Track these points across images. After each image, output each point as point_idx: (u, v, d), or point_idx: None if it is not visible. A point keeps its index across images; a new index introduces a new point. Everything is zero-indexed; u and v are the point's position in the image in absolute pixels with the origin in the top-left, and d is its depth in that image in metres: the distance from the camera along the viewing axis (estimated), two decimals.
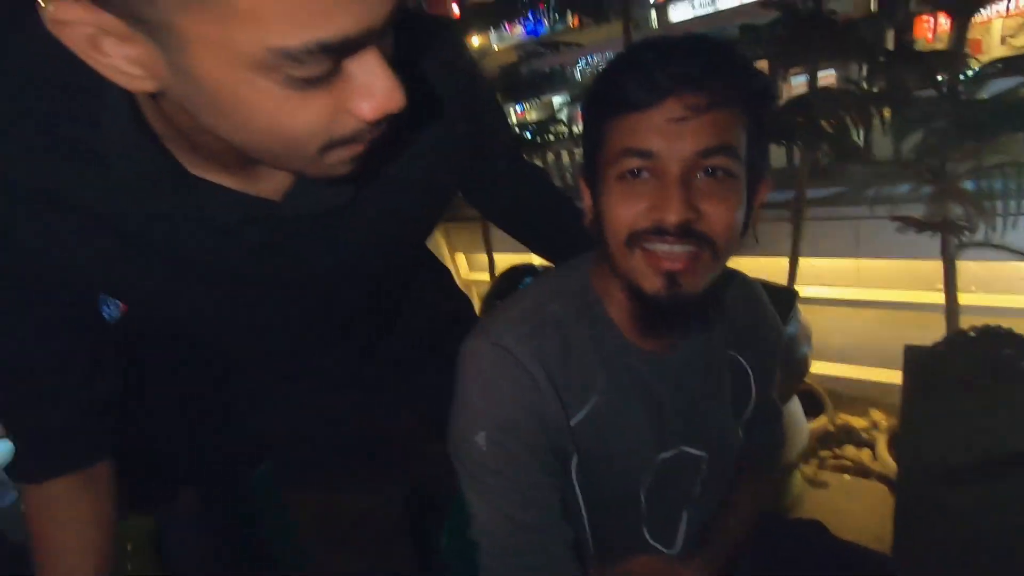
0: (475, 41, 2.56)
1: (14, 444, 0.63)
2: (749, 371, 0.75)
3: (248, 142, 0.40)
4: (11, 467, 0.63)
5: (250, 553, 1.10)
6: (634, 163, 0.53)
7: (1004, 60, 1.30)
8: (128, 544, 1.06)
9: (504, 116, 0.80)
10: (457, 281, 3.15)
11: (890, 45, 1.56)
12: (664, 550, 0.73)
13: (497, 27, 2.34)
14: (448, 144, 0.60)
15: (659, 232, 0.52)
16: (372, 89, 0.38)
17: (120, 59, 0.36)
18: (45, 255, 0.50)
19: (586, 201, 0.62)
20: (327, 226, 0.56)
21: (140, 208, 0.48)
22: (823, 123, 1.43)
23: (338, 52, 0.36)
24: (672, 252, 0.53)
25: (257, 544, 1.08)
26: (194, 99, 0.37)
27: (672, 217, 0.51)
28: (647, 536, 0.72)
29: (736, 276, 0.77)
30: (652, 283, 0.55)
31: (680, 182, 0.52)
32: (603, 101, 0.57)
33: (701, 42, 0.53)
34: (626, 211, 0.54)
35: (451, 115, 0.59)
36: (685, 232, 0.52)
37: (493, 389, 0.61)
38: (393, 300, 0.78)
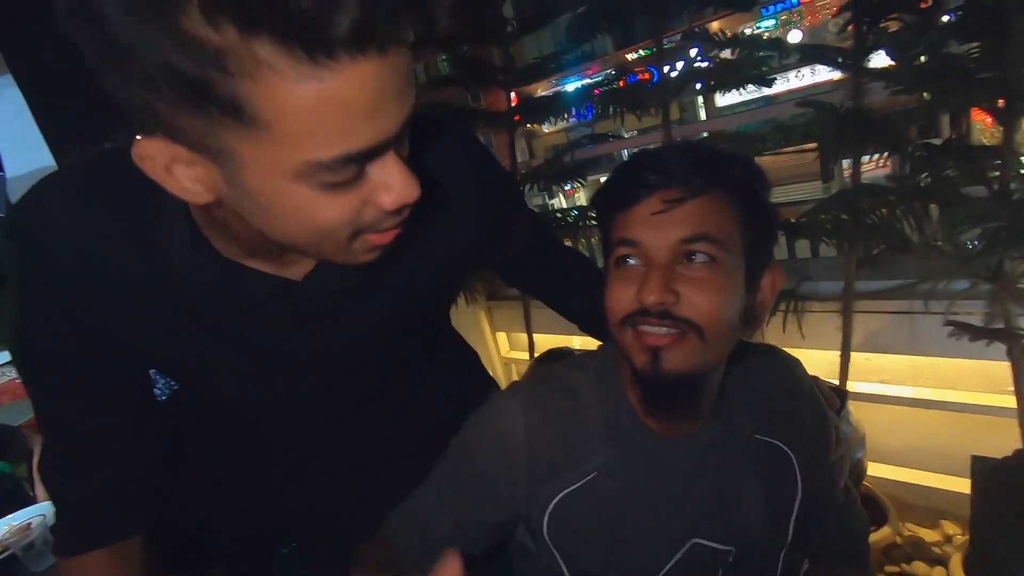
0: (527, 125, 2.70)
1: (55, 517, 0.67)
2: (792, 456, 0.72)
3: (288, 236, 0.48)
4: (53, 542, 0.67)
5: None
6: (624, 251, 0.61)
7: None
8: None
9: (522, 202, 0.86)
10: (497, 358, 3.13)
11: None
12: None
13: (549, 120, 2.47)
14: (458, 232, 0.67)
15: (643, 313, 0.58)
16: (391, 184, 0.46)
17: (186, 180, 0.45)
18: (107, 327, 0.58)
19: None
20: (343, 305, 0.63)
21: (189, 287, 0.57)
22: (868, 218, 1.40)
23: (362, 160, 0.44)
24: (656, 331, 0.58)
25: None
26: (246, 206, 0.46)
27: (649, 298, 0.57)
28: None
29: (769, 354, 0.76)
30: (639, 358, 0.59)
31: (662, 267, 0.58)
32: (604, 202, 0.65)
33: (683, 147, 0.62)
34: (619, 294, 0.61)
35: (462, 206, 0.66)
36: (663, 314, 0.57)
37: (484, 429, 0.70)
38: (413, 379, 0.81)
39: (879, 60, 1.51)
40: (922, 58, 1.28)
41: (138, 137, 0.43)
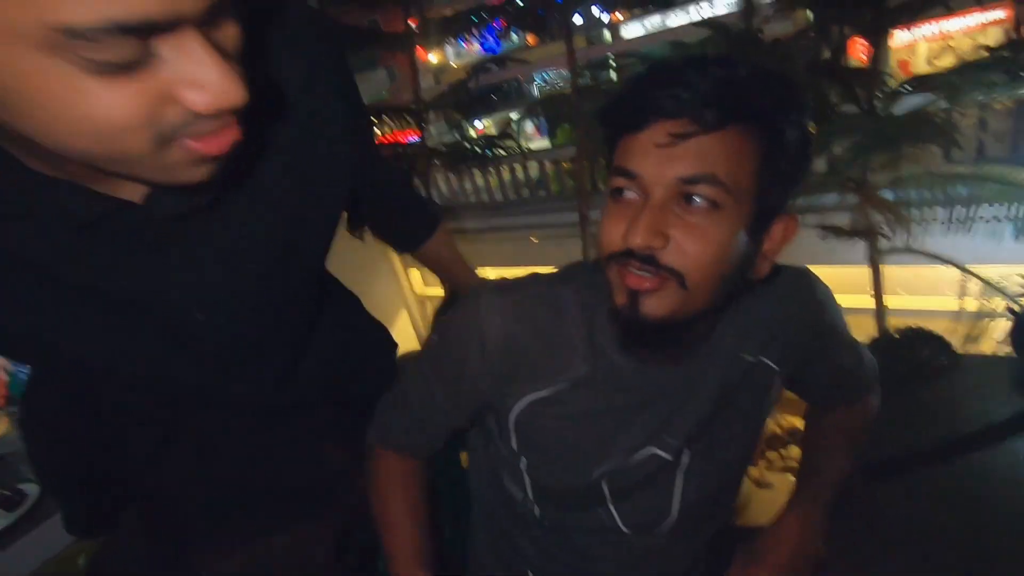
0: (433, 59, 2.58)
1: None
2: (777, 371, 0.69)
3: (64, 144, 0.35)
4: None
5: None
6: (621, 182, 0.54)
7: (917, 79, 1.39)
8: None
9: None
10: (410, 294, 3.07)
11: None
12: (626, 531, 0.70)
13: (453, 40, 2.36)
14: (325, 142, 0.58)
15: (629, 255, 0.52)
16: (198, 78, 0.35)
17: None
18: None
19: None
20: (197, 235, 0.52)
21: None
22: None
23: (141, 34, 0.32)
24: (638, 273, 0.53)
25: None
26: None
27: (635, 240, 0.51)
28: (616, 519, 0.69)
29: (785, 277, 0.70)
30: (619, 297, 0.56)
31: (655, 207, 0.52)
32: (607, 120, 0.57)
33: (707, 63, 0.51)
34: (610, 229, 0.55)
35: (326, 111, 0.57)
36: (648, 259, 0.52)
37: (465, 322, 0.66)
38: (303, 321, 0.73)
39: None
40: None
41: None
